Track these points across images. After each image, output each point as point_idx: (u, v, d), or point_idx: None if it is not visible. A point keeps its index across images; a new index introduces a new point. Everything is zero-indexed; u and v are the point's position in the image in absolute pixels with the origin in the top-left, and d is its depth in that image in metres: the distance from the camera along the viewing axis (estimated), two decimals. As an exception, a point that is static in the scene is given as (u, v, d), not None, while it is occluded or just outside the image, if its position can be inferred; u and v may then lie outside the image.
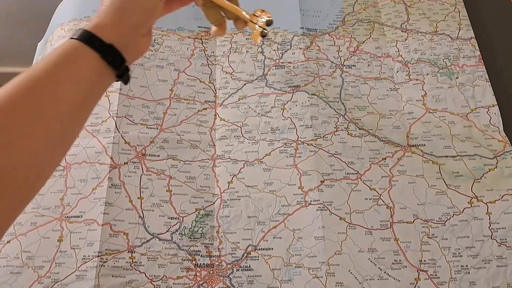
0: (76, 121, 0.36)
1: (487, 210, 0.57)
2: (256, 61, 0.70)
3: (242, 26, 0.53)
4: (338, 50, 0.71)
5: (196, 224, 0.57)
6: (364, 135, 0.63)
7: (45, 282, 0.52)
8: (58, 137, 0.34)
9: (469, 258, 0.54)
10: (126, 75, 0.39)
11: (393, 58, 0.71)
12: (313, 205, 0.57)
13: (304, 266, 0.54)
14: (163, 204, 0.57)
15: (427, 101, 0.66)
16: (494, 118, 0.64)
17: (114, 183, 0.58)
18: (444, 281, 0.53)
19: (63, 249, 0.54)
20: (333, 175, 0.60)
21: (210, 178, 0.60)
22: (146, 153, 0.61)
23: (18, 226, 0.55)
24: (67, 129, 0.34)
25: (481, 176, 0.60)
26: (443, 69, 0.69)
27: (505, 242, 0.55)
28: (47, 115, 0.32)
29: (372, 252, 0.55)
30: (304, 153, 0.61)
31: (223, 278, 0.54)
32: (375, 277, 0.53)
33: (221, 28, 0.55)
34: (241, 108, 0.66)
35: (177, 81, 0.68)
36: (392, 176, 0.60)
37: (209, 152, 0.62)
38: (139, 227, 0.56)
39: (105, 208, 0.56)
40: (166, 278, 0.53)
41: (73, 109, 0.34)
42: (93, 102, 0.37)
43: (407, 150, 0.62)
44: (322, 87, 0.67)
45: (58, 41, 0.73)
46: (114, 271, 0.53)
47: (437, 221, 0.57)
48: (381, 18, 0.76)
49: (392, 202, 0.58)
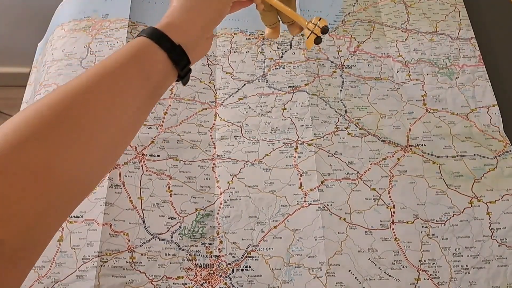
0: (139, 119, 0.36)
1: (487, 210, 0.57)
2: (256, 61, 0.70)
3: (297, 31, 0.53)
4: (338, 50, 0.71)
5: (196, 224, 0.57)
6: (364, 135, 0.63)
7: (45, 282, 0.52)
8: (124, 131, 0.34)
9: (469, 258, 0.54)
10: (187, 77, 0.39)
11: (393, 58, 0.71)
12: (313, 205, 0.57)
13: (304, 266, 0.54)
14: (163, 204, 0.57)
15: (427, 101, 0.66)
16: (494, 118, 0.64)
17: (114, 183, 0.58)
18: (444, 281, 0.53)
19: (63, 249, 0.54)
20: (333, 175, 0.60)
21: (210, 178, 0.60)
22: (146, 153, 0.61)
23: (18, 226, 0.55)
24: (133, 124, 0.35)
25: (481, 176, 0.60)
26: (443, 69, 0.69)
27: (505, 242, 0.55)
28: (119, 106, 0.33)
29: (372, 252, 0.55)
30: (304, 153, 0.61)
31: (223, 278, 0.54)
32: (375, 277, 0.53)
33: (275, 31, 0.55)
34: (241, 108, 0.66)
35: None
36: (392, 176, 0.60)
37: (209, 152, 0.62)
38: (139, 227, 0.56)
39: (105, 208, 0.56)
40: (166, 278, 0.53)
41: (140, 105, 0.35)
42: (155, 101, 0.38)
43: (407, 150, 0.62)
44: (322, 87, 0.67)
45: (58, 41, 0.73)
46: (114, 271, 0.53)
47: (437, 221, 0.57)
48: (381, 18, 0.76)
49: (392, 202, 0.58)
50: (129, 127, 0.35)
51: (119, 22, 0.73)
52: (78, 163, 0.30)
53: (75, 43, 0.71)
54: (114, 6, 0.75)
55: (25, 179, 0.27)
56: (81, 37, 0.72)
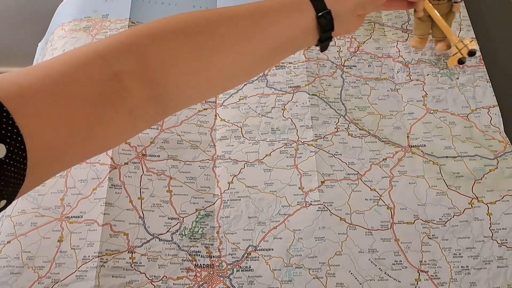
0: (266, 61, 0.40)
1: (487, 211, 0.57)
2: (256, 62, 0.70)
3: (444, 48, 0.54)
4: (339, 51, 0.71)
5: (197, 224, 0.57)
6: (364, 135, 0.63)
7: (45, 283, 0.52)
8: (252, 65, 0.39)
9: (469, 259, 0.54)
10: (326, 43, 0.42)
11: (394, 59, 0.71)
12: (314, 205, 0.57)
13: (305, 266, 0.54)
14: (163, 205, 0.57)
15: (428, 101, 0.66)
16: (495, 119, 0.64)
17: (115, 183, 0.58)
18: (445, 282, 0.53)
19: (63, 250, 0.54)
20: (334, 176, 0.60)
21: (210, 179, 0.60)
22: (147, 154, 0.61)
23: (19, 226, 0.55)
24: (259, 62, 0.40)
25: (482, 177, 0.59)
26: (443, 69, 0.69)
27: (506, 242, 0.55)
28: (254, 40, 0.37)
29: (372, 252, 0.55)
30: (304, 154, 0.61)
31: (223, 279, 0.54)
32: (376, 278, 0.53)
33: (423, 42, 0.57)
34: (242, 109, 0.66)
35: (178, 81, 0.68)
36: (392, 177, 0.60)
37: (210, 153, 0.62)
38: (139, 228, 0.56)
39: (105, 208, 0.56)
40: (166, 278, 0.53)
41: (273, 47, 0.39)
42: (288, 51, 0.41)
43: (408, 150, 0.62)
44: (322, 88, 0.67)
45: (58, 41, 0.73)
46: (114, 272, 0.53)
47: (437, 221, 0.57)
48: (382, 18, 0.76)
49: (392, 203, 0.58)
50: (255, 63, 0.39)
51: (119, 22, 0.73)
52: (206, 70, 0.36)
53: (76, 43, 0.71)
54: (114, 6, 0.75)
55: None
56: (81, 37, 0.72)
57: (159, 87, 0.34)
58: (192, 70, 0.35)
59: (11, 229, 0.55)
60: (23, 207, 0.56)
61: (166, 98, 0.35)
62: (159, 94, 0.35)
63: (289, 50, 0.41)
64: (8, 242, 0.54)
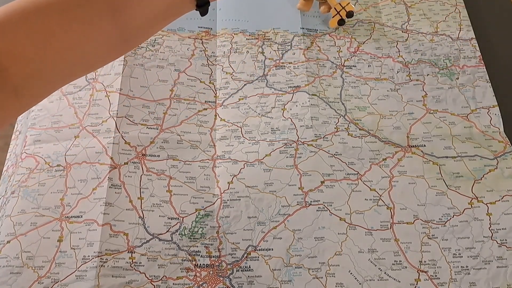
0: (145, 30, 0.44)
1: (487, 211, 0.57)
2: (256, 62, 0.70)
3: (326, 10, 0.57)
4: (339, 51, 0.71)
5: (196, 224, 0.57)
6: (364, 135, 0.63)
7: (45, 282, 0.52)
8: (133, 34, 0.43)
9: (469, 259, 0.54)
10: (205, 7, 0.45)
11: (394, 59, 0.71)
12: (313, 205, 0.57)
13: (304, 266, 0.54)
14: (163, 205, 0.57)
15: (428, 101, 0.66)
16: (495, 119, 0.64)
17: (114, 183, 0.58)
18: (444, 282, 0.53)
19: (63, 249, 0.54)
20: (333, 176, 0.60)
21: (210, 179, 0.60)
22: (146, 154, 0.61)
23: (18, 226, 0.55)
24: (145, 28, 0.43)
25: (482, 177, 0.60)
26: (443, 69, 0.69)
27: (505, 243, 0.55)
28: (130, 11, 0.40)
29: (372, 252, 0.55)
30: (304, 154, 0.61)
31: (223, 279, 0.54)
32: (375, 278, 0.53)
33: (307, 4, 0.60)
34: (242, 109, 0.66)
35: (177, 82, 0.68)
36: (392, 177, 0.60)
37: (209, 153, 0.62)
38: (139, 228, 0.56)
39: (105, 208, 0.56)
40: (166, 278, 0.53)
41: (152, 17, 0.42)
42: (167, 19, 0.44)
43: (408, 150, 0.62)
44: (322, 88, 0.67)
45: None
46: (114, 272, 0.53)
47: (437, 221, 0.57)
48: (382, 18, 0.76)
49: (392, 203, 0.58)
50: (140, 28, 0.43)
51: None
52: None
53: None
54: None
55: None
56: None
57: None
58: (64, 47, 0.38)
59: (11, 229, 0.55)
60: (23, 207, 0.57)
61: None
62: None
63: (168, 19, 0.44)
64: (8, 242, 0.54)
